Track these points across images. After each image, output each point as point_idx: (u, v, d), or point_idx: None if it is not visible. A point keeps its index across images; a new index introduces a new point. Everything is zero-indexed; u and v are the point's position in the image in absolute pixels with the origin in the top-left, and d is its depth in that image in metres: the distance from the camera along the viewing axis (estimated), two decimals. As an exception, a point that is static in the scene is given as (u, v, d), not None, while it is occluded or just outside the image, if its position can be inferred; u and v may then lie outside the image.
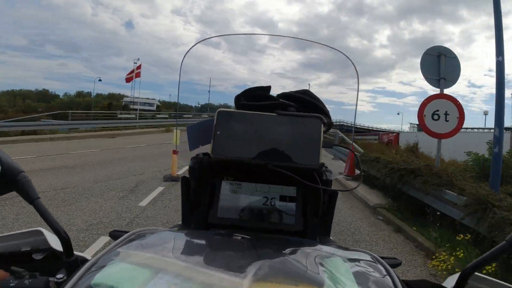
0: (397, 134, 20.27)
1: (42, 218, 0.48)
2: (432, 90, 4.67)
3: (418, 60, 4.62)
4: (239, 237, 0.51)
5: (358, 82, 0.86)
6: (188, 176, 0.69)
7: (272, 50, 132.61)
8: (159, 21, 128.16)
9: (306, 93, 0.73)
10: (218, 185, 0.65)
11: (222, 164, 0.63)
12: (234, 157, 0.62)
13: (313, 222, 0.64)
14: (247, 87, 0.73)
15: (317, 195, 0.64)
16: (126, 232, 0.54)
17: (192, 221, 0.65)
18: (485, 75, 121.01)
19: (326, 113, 0.71)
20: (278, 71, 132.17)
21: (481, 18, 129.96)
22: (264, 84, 0.75)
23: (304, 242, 0.57)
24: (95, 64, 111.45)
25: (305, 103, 0.71)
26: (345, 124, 16.47)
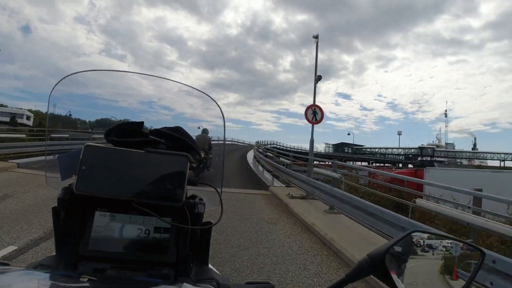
0: (417, 171, 14.42)
1: None
2: (328, 112, 6.22)
3: (317, 85, 6.05)
4: (86, 279, 0.50)
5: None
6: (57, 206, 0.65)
7: (180, 67, 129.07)
8: (60, 27, 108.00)
9: (178, 130, 0.76)
10: (91, 216, 0.64)
11: (87, 196, 0.62)
12: (97, 193, 0.61)
13: (186, 253, 0.65)
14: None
15: (189, 229, 0.65)
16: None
17: (63, 253, 0.63)
18: (374, 99, 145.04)
19: (195, 150, 0.74)
20: (185, 89, 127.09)
21: (372, 50, 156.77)
22: (171, 101, 0.77)
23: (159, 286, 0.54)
24: None
25: (175, 140, 0.73)
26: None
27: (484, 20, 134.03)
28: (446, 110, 68.80)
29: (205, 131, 5.91)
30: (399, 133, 63.17)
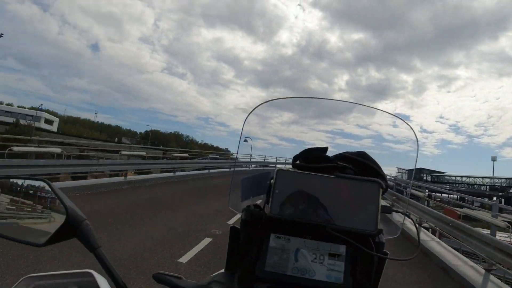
0: None
1: (102, 266, 0.50)
2: (387, 134, 5.28)
3: (374, 105, 5.29)
4: None
5: (418, 146, 0.84)
6: (237, 226, 0.69)
7: (236, 86, 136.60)
8: (126, 46, 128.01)
9: (363, 155, 0.75)
10: (267, 238, 0.64)
11: (273, 218, 0.64)
12: (291, 217, 0.63)
13: (363, 282, 0.62)
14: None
15: (367, 257, 0.63)
16: (172, 275, 0.55)
17: (236, 272, 0.65)
18: (436, 121, 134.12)
19: (383, 176, 0.72)
20: (241, 106, 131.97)
21: (433, 69, 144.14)
22: (227, 118, 0.79)
23: None
24: (54, 83, 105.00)
25: (362, 166, 0.72)
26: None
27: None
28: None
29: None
30: (494, 159, 48.12)
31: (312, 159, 0.71)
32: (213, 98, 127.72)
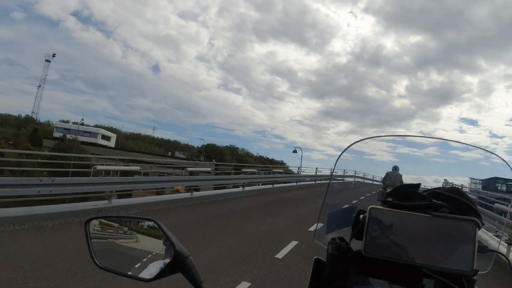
0: None
1: None
2: (453, 142, 4.79)
3: (437, 110, 4.71)
4: None
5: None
6: (321, 258, 0.68)
7: (291, 98, 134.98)
8: (184, 65, 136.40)
9: (458, 192, 0.72)
10: (346, 274, 0.65)
11: (359, 256, 0.63)
12: (386, 257, 0.62)
13: None
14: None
15: None
16: None
17: None
18: (506, 125, 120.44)
19: (478, 214, 0.69)
20: (296, 118, 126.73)
21: (499, 68, 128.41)
22: (283, 130, 0.73)
23: None
24: (120, 103, 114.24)
25: (457, 203, 0.69)
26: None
27: None
28: None
29: (395, 168, 5.33)
30: None
31: (404, 196, 0.70)
32: (268, 111, 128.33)
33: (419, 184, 0.72)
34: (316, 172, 20.35)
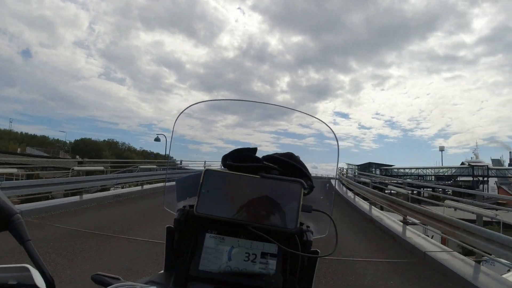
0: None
1: (31, 259, 0.52)
2: (327, 132, 5.92)
3: (315, 105, 5.66)
4: None
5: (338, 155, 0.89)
6: (172, 226, 0.69)
7: (179, 90, 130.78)
8: (60, 51, 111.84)
9: (291, 156, 0.77)
10: (202, 237, 0.66)
11: (206, 218, 0.65)
12: (216, 216, 0.64)
13: (292, 280, 0.65)
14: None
15: (296, 256, 0.65)
16: (110, 276, 0.57)
17: (173, 272, 0.66)
18: (372, 118, 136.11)
19: (308, 177, 0.74)
20: (185, 111, 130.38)
21: (367, 69, 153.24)
22: (171, 123, 0.78)
23: None
24: None
25: (288, 167, 0.74)
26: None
27: (477, 35, 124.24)
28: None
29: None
30: (441, 149, 50.92)
31: (240, 158, 0.73)
32: (156, 103, 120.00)
33: (255, 148, 0.76)
34: (204, 166, 20.47)
